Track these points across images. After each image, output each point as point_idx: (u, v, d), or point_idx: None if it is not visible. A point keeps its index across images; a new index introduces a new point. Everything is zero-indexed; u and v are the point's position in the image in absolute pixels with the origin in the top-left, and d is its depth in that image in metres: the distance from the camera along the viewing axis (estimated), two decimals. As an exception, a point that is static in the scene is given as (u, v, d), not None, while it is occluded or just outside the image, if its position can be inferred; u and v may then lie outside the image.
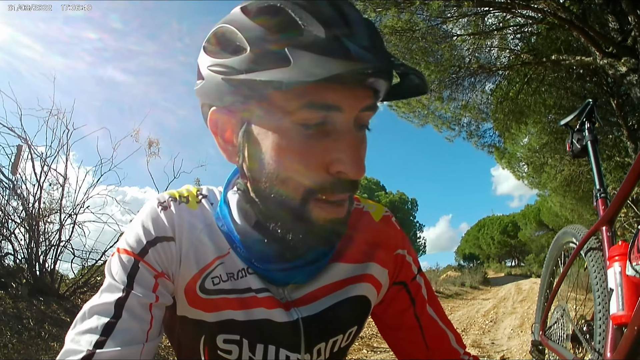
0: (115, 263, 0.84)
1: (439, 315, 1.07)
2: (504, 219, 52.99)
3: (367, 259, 0.98)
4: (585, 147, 2.31)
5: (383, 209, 1.07)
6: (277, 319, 0.88)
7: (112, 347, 0.74)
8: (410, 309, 1.04)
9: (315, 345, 0.93)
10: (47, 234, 6.08)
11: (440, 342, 1.05)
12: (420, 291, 1.06)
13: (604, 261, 1.88)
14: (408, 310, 1.04)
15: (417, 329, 1.04)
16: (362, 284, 0.97)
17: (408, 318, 1.04)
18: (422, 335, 1.04)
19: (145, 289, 0.81)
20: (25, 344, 4.23)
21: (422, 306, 1.05)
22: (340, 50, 0.68)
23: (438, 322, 1.06)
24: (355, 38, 0.70)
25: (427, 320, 1.05)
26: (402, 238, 1.06)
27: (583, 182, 13.36)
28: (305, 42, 0.69)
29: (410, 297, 1.05)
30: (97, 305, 0.79)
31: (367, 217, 1.03)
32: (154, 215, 0.88)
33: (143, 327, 0.79)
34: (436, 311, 1.07)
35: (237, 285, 0.88)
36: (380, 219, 1.04)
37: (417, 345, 1.04)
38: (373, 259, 0.99)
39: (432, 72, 9.87)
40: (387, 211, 1.08)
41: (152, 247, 0.84)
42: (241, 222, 0.87)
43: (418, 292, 1.05)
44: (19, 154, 5.92)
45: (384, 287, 1.02)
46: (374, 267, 0.98)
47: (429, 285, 1.09)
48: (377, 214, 1.05)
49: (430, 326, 1.04)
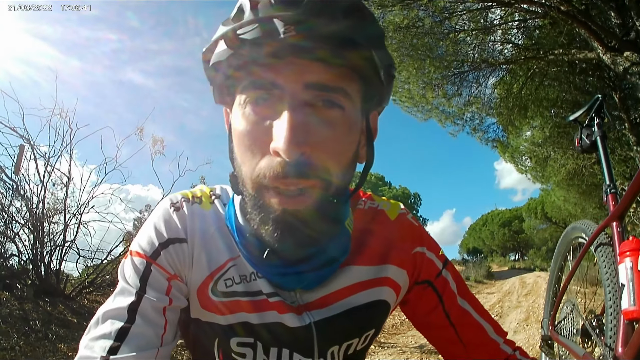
0: (128, 266, 0.83)
1: (473, 306, 1.04)
2: (506, 213, 52.96)
3: (383, 261, 0.95)
4: (594, 143, 2.30)
5: (399, 207, 1.04)
6: (289, 323, 0.86)
7: (126, 353, 0.73)
8: (439, 306, 1.00)
9: (329, 348, 0.91)
10: (52, 235, 6.07)
11: (475, 335, 1.01)
12: (447, 286, 1.02)
13: (615, 257, 1.87)
14: (436, 308, 1.01)
15: (448, 326, 1.01)
16: (380, 288, 0.94)
17: (437, 316, 1.01)
18: (455, 332, 1.00)
19: (158, 292, 0.81)
20: (32, 346, 4.20)
21: (451, 302, 1.01)
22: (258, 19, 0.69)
23: (471, 315, 1.02)
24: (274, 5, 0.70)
25: (459, 316, 1.01)
26: (420, 235, 1.02)
27: (586, 176, 13.32)
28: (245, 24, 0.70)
29: (437, 295, 1.01)
30: (111, 310, 0.78)
31: (382, 216, 1.01)
32: (166, 216, 0.87)
33: (157, 332, 0.78)
34: (469, 303, 1.03)
35: (250, 287, 0.86)
36: (396, 217, 1.01)
37: (452, 342, 1.02)
38: (390, 261, 0.96)
39: (436, 67, 9.85)
40: (403, 208, 1.05)
41: (164, 249, 0.83)
42: (244, 223, 0.85)
43: (445, 288, 1.01)
44: (21, 154, 5.90)
45: (404, 288, 0.99)
46: (392, 269, 0.96)
47: (458, 278, 1.05)
48: (392, 212, 1.02)
49: (462, 321, 1.01)
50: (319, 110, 0.73)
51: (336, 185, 0.77)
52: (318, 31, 0.68)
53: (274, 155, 0.71)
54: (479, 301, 1.06)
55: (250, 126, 0.73)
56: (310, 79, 0.71)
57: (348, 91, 0.75)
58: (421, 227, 1.05)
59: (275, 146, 0.69)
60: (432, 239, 1.05)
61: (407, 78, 10.49)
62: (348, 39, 0.70)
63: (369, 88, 0.80)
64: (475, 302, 1.05)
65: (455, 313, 1.01)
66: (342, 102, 0.75)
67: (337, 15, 0.69)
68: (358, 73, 0.76)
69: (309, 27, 0.67)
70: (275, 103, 0.72)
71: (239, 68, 0.74)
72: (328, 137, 0.73)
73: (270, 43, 0.69)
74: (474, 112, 12.24)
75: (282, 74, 0.70)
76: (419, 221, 1.07)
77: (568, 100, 11.29)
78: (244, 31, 0.70)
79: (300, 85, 0.71)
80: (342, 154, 0.77)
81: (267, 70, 0.70)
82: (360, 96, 0.79)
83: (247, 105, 0.74)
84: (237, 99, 0.77)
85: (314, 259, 0.85)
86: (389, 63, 0.81)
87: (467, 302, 1.03)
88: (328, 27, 0.68)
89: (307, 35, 0.68)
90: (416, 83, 10.67)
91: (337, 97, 0.74)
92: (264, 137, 0.72)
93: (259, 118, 0.73)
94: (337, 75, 0.73)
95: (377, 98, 0.85)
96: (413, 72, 10.04)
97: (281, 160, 0.70)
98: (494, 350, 1.01)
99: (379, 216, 1.00)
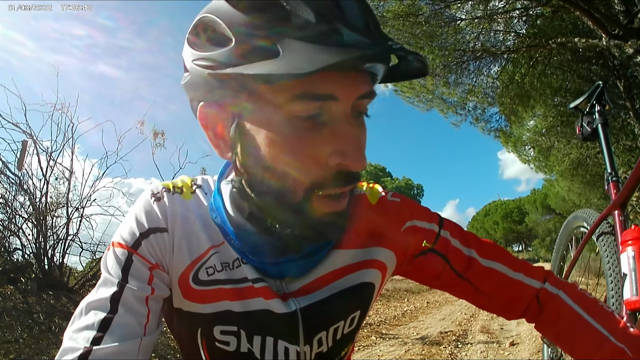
0: (110, 257, 0.83)
1: (481, 253, 1.01)
2: (509, 204, 53.03)
3: (367, 244, 0.95)
4: (595, 130, 2.27)
5: (379, 190, 1.04)
6: (276, 309, 0.86)
7: (109, 343, 0.73)
8: (446, 266, 0.99)
9: (316, 335, 0.91)
10: (55, 228, 6.12)
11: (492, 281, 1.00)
12: (449, 245, 1.00)
13: (617, 245, 1.87)
14: (445, 269, 1.00)
15: (462, 282, 1.00)
16: (366, 271, 0.94)
17: (448, 275, 1.00)
18: (470, 284, 1.00)
19: (140, 282, 0.81)
20: (36, 339, 4.25)
21: (458, 258, 1.00)
22: (333, 38, 0.65)
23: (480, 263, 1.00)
24: (347, 22, 0.66)
25: (468, 268, 0.99)
26: (406, 210, 1.01)
27: (590, 165, 13.30)
28: (294, 30, 0.65)
29: (442, 256, 1.00)
30: (94, 301, 0.78)
31: (364, 201, 1.00)
32: (147, 206, 0.87)
33: (140, 321, 0.79)
34: (476, 251, 1.01)
35: (233, 275, 0.87)
36: (377, 201, 1.01)
37: (472, 293, 1.02)
38: (374, 244, 0.96)
39: (437, 56, 9.82)
40: (383, 191, 1.04)
41: (145, 239, 0.83)
42: (234, 213, 0.85)
43: (448, 248, 1.00)
44: (24, 149, 5.96)
45: (390, 268, 0.99)
46: (377, 251, 0.95)
47: (458, 232, 1.02)
48: (373, 197, 1.02)
49: (474, 272, 1.00)
50: (361, 118, 0.77)
51: None
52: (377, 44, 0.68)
53: (335, 167, 0.72)
54: (489, 242, 1.05)
55: (299, 134, 0.71)
56: (362, 90, 0.72)
57: None
58: (405, 202, 1.03)
59: (344, 160, 0.71)
60: (419, 207, 1.04)
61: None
62: None
63: None
64: (484, 247, 1.03)
65: (464, 267, 1.00)
66: None
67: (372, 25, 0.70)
68: (372, 77, 0.76)
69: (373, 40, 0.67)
70: (331, 114, 0.71)
71: None
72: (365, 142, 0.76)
73: None
74: (476, 101, 12.22)
75: (340, 86, 0.69)
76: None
77: (571, 89, 11.25)
78: None
79: (354, 98, 0.71)
80: None
81: (324, 81, 0.68)
82: None
83: (294, 115, 0.70)
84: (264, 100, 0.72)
85: (302, 249, 0.85)
86: None
87: (474, 251, 1.01)
88: None
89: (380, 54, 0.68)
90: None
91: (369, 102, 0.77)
92: (316, 146, 0.71)
93: (307, 126, 0.71)
94: (371, 83, 0.74)
95: None
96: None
97: (345, 172, 0.73)
98: (517, 290, 1.00)
99: (361, 201, 1.00)
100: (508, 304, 1.03)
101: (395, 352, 5.47)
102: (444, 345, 5.84)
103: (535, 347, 5.31)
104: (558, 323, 0.97)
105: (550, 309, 0.98)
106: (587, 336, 0.91)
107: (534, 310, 1.00)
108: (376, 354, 5.39)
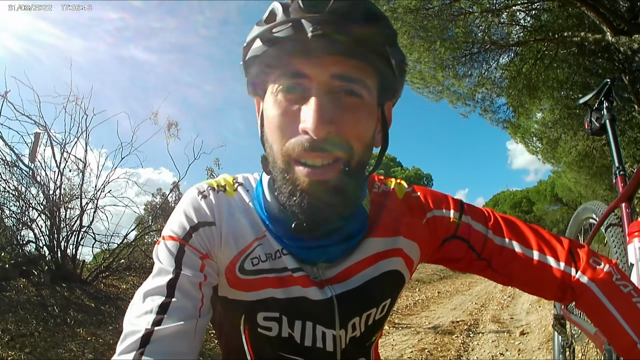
0: (162, 250, 0.89)
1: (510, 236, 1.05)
2: (517, 194, 52.58)
3: (395, 233, 1.02)
4: (603, 126, 2.32)
5: (405, 186, 1.11)
6: (312, 297, 0.93)
7: (170, 324, 0.78)
8: (469, 250, 1.04)
9: (350, 320, 0.97)
10: (68, 220, 6.16)
11: (518, 266, 1.02)
12: (472, 230, 1.05)
13: (624, 237, 1.91)
14: (467, 252, 1.05)
15: (482, 263, 1.05)
16: (394, 259, 1.01)
17: (471, 257, 1.05)
18: (491, 268, 1.05)
19: (193, 269, 0.86)
20: (51, 331, 4.28)
21: (482, 242, 1.04)
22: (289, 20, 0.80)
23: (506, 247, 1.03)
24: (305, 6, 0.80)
25: (494, 252, 1.04)
26: (427, 201, 1.08)
27: (597, 157, 13.23)
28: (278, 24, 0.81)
29: (465, 241, 1.04)
30: (151, 289, 0.83)
31: (393, 195, 1.08)
32: (195, 203, 0.94)
33: (195, 304, 0.84)
34: (505, 235, 1.05)
35: (276, 265, 0.93)
36: (403, 196, 1.08)
37: (497, 276, 1.06)
38: (400, 233, 1.02)
39: (447, 48, 9.84)
40: (409, 187, 1.11)
41: (195, 232, 0.90)
42: (272, 200, 0.93)
43: (471, 233, 1.05)
44: (36, 141, 5.99)
45: (415, 259, 1.05)
46: (402, 241, 1.02)
47: (482, 215, 1.08)
48: (400, 192, 1.09)
49: (495, 253, 1.04)
50: (341, 97, 0.84)
51: (356, 161, 0.87)
52: (341, 30, 0.78)
53: (303, 133, 0.81)
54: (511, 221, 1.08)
55: (281, 110, 0.84)
56: (335, 70, 0.82)
57: (366, 83, 0.85)
58: (425, 194, 1.09)
59: (305, 126, 0.80)
60: (440, 197, 1.10)
61: (418, 59, 10.50)
62: (366, 37, 0.81)
63: (384, 81, 0.90)
64: (504, 225, 1.06)
65: (489, 252, 1.04)
66: (361, 92, 0.85)
67: (357, 17, 0.80)
68: (375, 68, 0.86)
69: (333, 26, 0.78)
70: (304, 91, 0.83)
71: (272, 62, 0.84)
72: (349, 119, 0.84)
73: (300, 40, 0.78)
74: (485, 92, 12.18)
75: (311, 65, 0.81)
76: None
77: (578, 82, 11.22)
78: (277, 30, 0.80)
79: (326, 76, 0.82)
80: (361, 135, 0.86)
81: (297, 63, 0.81)
82: (376, 88, 0.89)
83: (278, 93, 0.84)
84: (269, 88, 0.87)
85: (335, 234, 0.93)
86: (402, 59, 0.90)
87: (490, 231, 1.05)
88: (349, 27, 0.79)
89: (331, 33, 0.77)
90: (427, 64, 10.69)
91: (357, 87, 0.84)
92: (294, 120, 0.83)
93: (289, 103, 0.84)
94: (357, 69, 0.83)
95: (391, 90, 0.95)
96: (424, 53, 10.06)
97: (309, 137, 0.80)
98: (542, 272, 1.01)
99: (390, 196, 1.07)
100: (533, 285, 1.06)
101: (409, 341, 5.55)
102: (456, 335, 5.91)
103: (546, 336, 5.36)
104: (589, 316, 1.00)
105: (582, 302, 0.98)
106: (616, 337, 0.91)
107: (569, 297, 1.01)
108: (390, 343, 5.47)
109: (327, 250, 0.94)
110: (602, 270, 0.98)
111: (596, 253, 1.03)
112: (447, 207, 1.07)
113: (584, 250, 1.02)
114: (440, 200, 1.09)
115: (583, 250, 1.02)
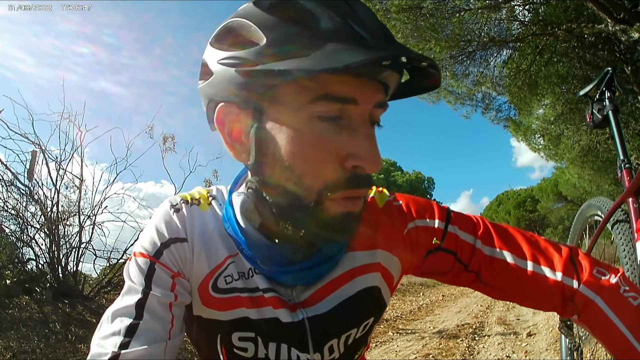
0: (132, 267, 0.86)
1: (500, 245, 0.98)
2: (521, 193, 52.72)
3: (374, 246, 0.96)
4: (606, 117, 2.25)
5: (386, 194, 1.04)
6: (283, 319, 0.88)
7: (137, 347, 0.75)
8: (456, 262, 0.98)
9: (326, 343, 0.92)
10: (68, 237, 6.19)
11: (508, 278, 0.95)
12: (458, 240, 0.98)
13: (632, 233, 1.84)
14: (454, 265, 0.98)
15: (471, 276, 0.99)
16: (372, 274, 0.95)
17: (458, 270, 0.99)
18: (481, 281, 0.98)
19: (163, 289, 0.83)
20: (53, 348, 4.29)
21: (467, 252, 0.98)
22: (357, 40, 0.69)
23: (497, 258, 0.97)
24: (367, 28, 0.71)
25: (478, 261, 0.97)
26: (409, 211, 1.01)
27: (601, 151, 13.20)
28: (322, 32, 0.70)
29: (450, 253, 0.98)
30: (119, 309, 0.81)
31: (372, 205, 1.01)
32: (166, 217, 0.90)
33: (165, 326, 0.81)
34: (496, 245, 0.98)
35: (248, 284, 0.89)
36: (384, 205, 1.02)
37: (488, 290, 1.00)
38: (379, 246, 0.96)
39: (443, 47, 9.79)
40: (390, 195, 1.05)
41: (166, 249, 0.86)
42: (245, 224, 0.88)
43: (457, 243, 0.98)
44: (33, 159, 6.03)
45: (394, 273, 0.99)
46: (381, 254, 0.96)
47: (470, 224, 1.01)
48: (381, 201, 1.02)
49: (485, 265, 0.97)
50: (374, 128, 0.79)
51: None
52: None
53: (351, 169, 0.75)
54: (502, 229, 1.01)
55: (321, 139, 0.74)
56: (379, 98, 0.76)
57: None
58: (408, 203, 1.03)
59: (360, 163, 0.74)
60: (423, 206, 1.03)
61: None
62: None
63: None
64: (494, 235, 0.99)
65: (478, 263, 0.97)
66: None
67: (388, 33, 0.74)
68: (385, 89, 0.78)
69: None
70: (349, 119, 0.74)
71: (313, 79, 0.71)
72: None
73: None
74: (484, 92, 12.19)
75: (361, 91, 0.73)
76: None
77: (579, 76, 11.19)
78: None
79: (371, 104, 0.75)
80: None
81: (345, 85, 0.71)
82: None
83: (316, 115, 0.73)
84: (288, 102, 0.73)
85: (314, 256, 0.88)
86: None
87: (488, 245, 0.98)
88: None
89: None
90: (422, 65, 10.64)
91: None
92: (336, 151, 0.74)
93: (328, 132, 0.73)
94: (384, 94, 0.78)
95: None
96: (419, 53, 10.02)
97: (356, 174, 0.75)
98: (539, 284, 0.93)
99: (370, 205, 1.00)
100: (528, 298, 0.99)
101: (413, 347, 5.48)
102: (461, 339, 5.84)
103: (553, 337, 5.28)
104: (593, 333, 0.91)
105: (585, 316, 0.91)
106: (624, 355, 0.83)
107: (570, 311, 0.93)
108: (393, 350, 5.41)
109: (305, 273, 0.89)
110: (607, 281, 0.90)
111: (601, 262, 0.95)
112: (432, 216, 1.00)
113: (587, 260, 0.95)
114: (424, 209, 1.02)
115: (586, 260, 0.95)
